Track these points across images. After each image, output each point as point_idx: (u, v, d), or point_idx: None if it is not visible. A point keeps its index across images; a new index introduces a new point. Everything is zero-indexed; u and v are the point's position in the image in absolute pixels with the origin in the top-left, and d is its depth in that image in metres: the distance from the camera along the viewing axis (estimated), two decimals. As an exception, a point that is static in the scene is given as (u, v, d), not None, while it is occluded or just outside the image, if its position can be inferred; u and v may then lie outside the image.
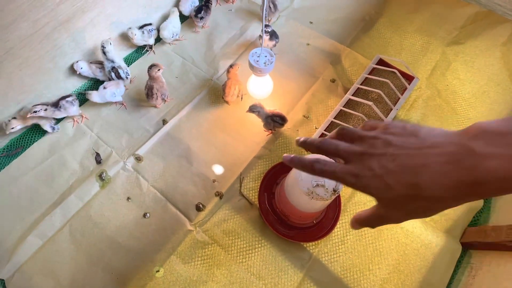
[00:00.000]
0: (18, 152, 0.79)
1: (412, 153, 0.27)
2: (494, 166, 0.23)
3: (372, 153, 0.28)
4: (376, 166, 0.28)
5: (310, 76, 0.93)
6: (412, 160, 0.26)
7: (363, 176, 0.28)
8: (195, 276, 0.66)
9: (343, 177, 0.30)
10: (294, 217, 0.67)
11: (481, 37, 1.00)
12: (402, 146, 0.27)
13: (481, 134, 0.24)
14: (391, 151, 0.28)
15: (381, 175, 0.27)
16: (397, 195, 0.27)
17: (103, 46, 0.82)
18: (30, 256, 0.67)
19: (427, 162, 0.26)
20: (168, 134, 0.83)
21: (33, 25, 0.70)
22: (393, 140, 0.28)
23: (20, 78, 0.75)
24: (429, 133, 0.27)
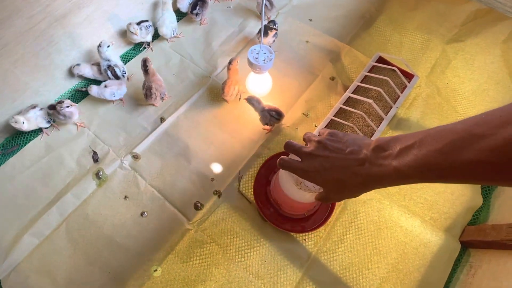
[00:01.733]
0: (14, 150, 0.78)
1: (339, 157, 0.40)
2: (375, 171, 0.37)
3: (316, 155, 0.42)
4: (317, 165, 0.41)
5: (310, 73, 0.92)
6: (339, 162, 0.39)
7: (309, 171, 0.42)
8: (193, 275, 0.66)
9: (296, 171, 0.44)
10: (286, 206, 0.67)
11: (481, 35, 0.99)
12: (334, 151, 0.41)
13: (375, 148, 0.37)
14: (327, 153, 0.41)
15: (320, 172, 0.41)
16: (331, 186, 0.42)
17: (99, 45, 0.81)
18: (26, 255, 0.67)
19: (348, 164, 0.39)
20: (166, 132, 0.82)
21: (28, 21, 0.69)
22: (329, 146, 0.41)
23: (16, 75, 0.74)
24: (351, 142, 0.40)
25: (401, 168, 0.34)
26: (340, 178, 0.39)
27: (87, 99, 0.86)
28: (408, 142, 0.34)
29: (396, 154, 0.34)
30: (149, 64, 0.79)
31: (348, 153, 0.39)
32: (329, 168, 0.40)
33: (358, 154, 0.38)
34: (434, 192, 0.75)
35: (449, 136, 0.30)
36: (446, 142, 0.30)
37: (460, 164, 0.29)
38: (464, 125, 0.30)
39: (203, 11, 0.97)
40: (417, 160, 0.32)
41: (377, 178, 0.37)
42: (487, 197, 0.76)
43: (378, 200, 0.74)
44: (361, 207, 0.73)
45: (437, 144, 0.31)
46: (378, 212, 0.73)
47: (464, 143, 0.29)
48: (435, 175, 0.32)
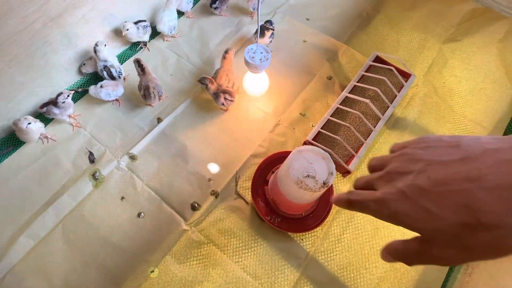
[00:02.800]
0: (9, 151, 0.78)
1: (453, 164, 0.20)
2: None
3: (398, 171, 0.23)
4: (404, 186, 0.22)
5: (307, 73, 0.92)
6: (460, 175, 0.20)
7: (389, 200, 0.23)
8: (190, 276, 0.65)
9: (368, 204, 0.25)
10: (283, 206, 0.67)
11: (478, 34, 0.99)
12: (438, 159, 0.21)
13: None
14: (421, 166, 0.22)
15: (412, 197, 0.21)
16: (443, 224, 0.20)
17: (96, 45, 0.81)
18: (22, 257, 0.66)
19: (480, 174, 0.19)
20: (163, 133, 0.82)
21: (22, 21, 0.68)
22: (423, 154, 0.22)
23: (10, 75, 0.73)
24: (476, 140, 0.21)
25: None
26: (465, 204, 0.19)
27: (83, 99, 0.85)
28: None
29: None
30: (144, 63, 0.79)
31: (478, 155, 0.20)
32: (433, 190, 0.21)
33: (507, 152, 0.19)
34: (431, 192, 0.75)
35: None
36: None
37: None
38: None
39: (221, 5, 0.98)
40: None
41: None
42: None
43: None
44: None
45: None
46: (376, 211, 0.73)
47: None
48: None
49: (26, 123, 0.73)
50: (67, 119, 0.80)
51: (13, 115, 0.79)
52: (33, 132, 0.75)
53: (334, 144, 0.75)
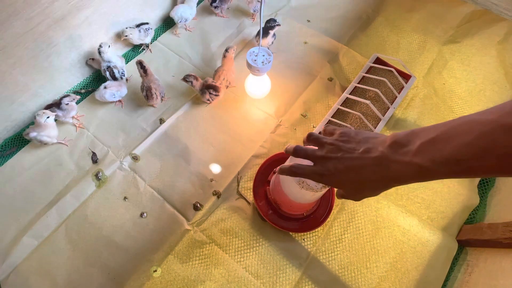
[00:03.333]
0: (13, 152, 0.78)
1: (354, 157, 0.37)
2: (394, 169, 0.34)
3: (329, 157, 0.39)
4: (332, 168, 0.39)
5: (308, 74, 0.93)
6: (355, 162, 0.37)
7: (325, 175, 0.39)
8: (192, 276, 0.66)
9: (312, 176, 0.41)
10: (285, 206, 0.67)
11: (477, 36, 1.00)
12: (348, 151, 0.38)
13: (391, 144, 0.35)
14: (341, 155, 0.38)
15: (335, 174, 0.38)
16: (349, 187, 0.40)
17: (100, 46, 0.82)
18: (25, 256, 0.67)
19: (364, 164, 0.36)
20: (165, 133, 0.82)
21: (27, 23, 0.69)
22: (342, 147, 0.39)
23: (14, 77, 0.74)
24: (364, 140, 0.38)
25: (425, 164, 0.31)
26: (357, 179, 0.37)
27: (86, 100, 0.86)
28: (429, 135, 0.32)
29: (417, 150, 0.32)
30: (146, 64, 0.80)
31: (362, 152, 0.37)
32: (344, 170, 0.38)
33: (374, 152, 0.36)
34: (431, 192, 0.76)
35: (476, 128, 0.29)
36: (476, 134, 0.28)
37: (493, 156, 0.28)
38: (492, 115, 0.28)
39: (222, 5, 0.98)
40: (443, 154, 0.30)
41: (397, 177, 0.34)
42: (483, 196, 0.77)
43: (376, 199, 0.74)
44: (359, 207, 0.74)
45: (465, 137, 0.29)
46: (376, 211, 0.73)
47: (496, 136, 0.27)
48: (463, 170, 0.30)
49: (45, 117, 0.73)
50: (70, 121, 0.81)
51: (17, 116, 0.79)
52: (51, 127, 0.75)
53: (335, 144, 0.75)
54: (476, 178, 0.78)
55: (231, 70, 0.85)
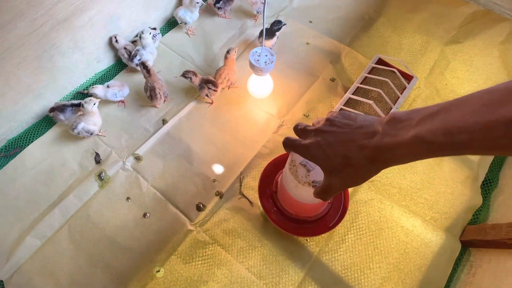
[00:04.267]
0: (16, 152, 0.79)
1: (346, 131, 0.35)
2: (388, 141, 0.31)
3: (322, 130, 0.37)
4: (321, 140, 0.37)
5: (310, 75, 0.93)
6: (346, 136, 0.35)
7: (312, 147, 0.37)
8: (195, 276, 0.66)
9: (299, 148, 0.39)
10: (287, 205, 0.66)
11: (480, 36, 1.00)
12: (341, 126, 0.36)
13: (390, 120, 0.32)
14: (334, 129, 0.36)
15: (322, 147, 0.36)
16: (334, 163, 0.36)
17: (142, 32, 0.87)
18: (29, 257, 0.67)
19: (354, 137, 0.34)
20: (168, 134, 0.83)
21: (31, 24, 0.69)
22: (336, 122, 0.37)
23: (18, 77, 0.74)
24: (362, 118, 0.36)
25: (421, 134, 0.28)
26: (344, 153, 0.34)
27: (89, 101, 0.86)
28: (431, 110, 0.29)
29: (416, 123, 0.29)
30: (149, 64, 0.80)
31: (357, 127, 0.34)
32: (333, 143, 0.35)
33: (369, 128, 0.33)
34: (434, 192, 0.76)
35: (486, 97, 0.26)
36: (483, 102, 0.25)
37: (499, 122, 0.24)
38: (503, 85, 0.26)
39: (225, 6, 0.98)
40: (443, 124, 0.27)
41: (389, 150, 0.31)
42: (486, 197, 0.76)
43: (379, 200, 0.74)
44: (362, 207, 0.74)
45: (470, 106, 0.26)
46: (379, 212, 0.73)
47: (503, 100, 0.24)
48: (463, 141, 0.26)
49: (91, 104, 0.76)
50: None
51: (20, 117, 0.80)
52: (97, 115, 0.78)
53: (338, 145, 0.75)
54: (479, 178, 0.77)
55: (233, 70, 0.85)
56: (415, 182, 0.77)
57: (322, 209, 0.68)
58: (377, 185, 0.76)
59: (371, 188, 0.76)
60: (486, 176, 0.79)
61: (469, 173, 0.78)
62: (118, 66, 0.94)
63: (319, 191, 0.40)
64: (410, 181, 0.77)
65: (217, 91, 0.83)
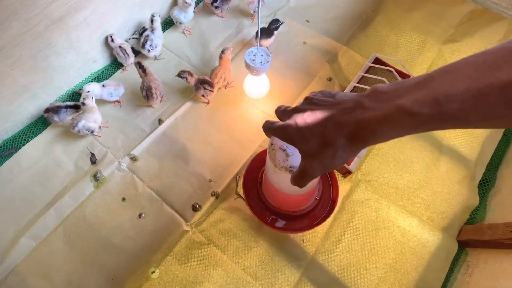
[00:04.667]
0: (12, 153, 0.78)
1: (325, 108, 0.32)
2: (369, 115, 0.28)
3: (299, 109, 0.35)
4: (299, 119, 0.33)
5: (307, 74, 0.93)
6: (323, 113, 0.32)
7: (289, 128, 0.34)
8: (191, 277, 0.65)
9: (276, 130, 0.36)
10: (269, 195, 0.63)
11: (477, 35, 1.00)
12: (320, 104, 0.33)
13: (372, 93, 0.29)
14: (312, 107, 0.33)
15: (300, 126, 0.33)
16: (310, 143, 0.33)
17: (153, 15, 0.89)
18: (23, 258, 0.66)
19: (333, 114, 0.31)
20: (164, 134, 0.82)
21: (25, 23, 0.69)
22: (315, 100, 0.34)
23: (13, 78, 0.74)
24: (342, 94, 0.33)
25: (407, 105, 0.25)
26: (321, 131, 0.31)
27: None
28: (418, 79, 0.26)
29: (401, 94, 0.26)
30: (145, 64, 0.80)
31: (336, 103, 0.31)
32: (310, 122, 0.32)
33: (348, 103, 0.30)
34: (431, 192, 0.75)
35: (480, 59, 0.23)
36: (477, 66, 0.23)
37: (494, 86, 0.21)
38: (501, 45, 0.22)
39: (223, 5, 0.98)
40: (430, 92, 0.24)
41: (370, 124, 0.27)
42: (483, 197, 0.76)
43: (376, 200, 0.74)
44: (358, 207, 0.73)
45: (462, 71, 0.23)
46: (376, 212, 0.73)
47: (499, 62, 0.21)
48: (453, 111, 0.23)
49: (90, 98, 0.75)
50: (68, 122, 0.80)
51: (15, 117, 0.79)
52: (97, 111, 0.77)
53: (334, 145, 0.75)
54: (476, 178, 0.77)
55: (228, 70, 0.85)
56: (412, 182, 0.76)
57: (307, 204, 0.64)
58: (373, 185, 0.76)
59: (367, 188, 0.75)
60: (483, 176, 0.78)
61: (466, 173, 0.78)
62: (114, 66, 0.94)
63: (295, 175, 0.37)
64: (407, 181, 0.77)
65: (213, 92, 0.83)
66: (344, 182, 0.76)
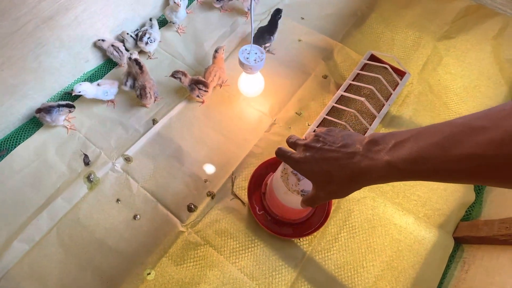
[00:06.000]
0: (3, 155, 0.77)
1: (332, 149, 0.39)
2: (365, 164, 0.35)
3: (310, 146, 0.41)
4: (309, 156, 0.41)
5: (302, 72, 0.92)
6: (330, 154, 0.39)
7: (301, 161, 0.41)
8: (187, 278, 0.65)
9: (289, 160, 0.43)
10: (276, 209, 0.67)
11: (472, 31, 1.00)
12: (326, 144, 0.40)
13: (368, 142, 0.36)
14: (321, 146, 0.40)
15: (310, 162, 0.40)
16: (318, 179, 0.40)
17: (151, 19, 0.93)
18: (16, 261, 0.65)
19: (337, 156, 0.38)
20: (158, 134, 0.81)
21: (14, 23, 0.67)
22: (322, 139, 0.41)
23: (3, 78, 0.72)
24: (347, 136, 0.39)
25: (393, 161, 0.32)
26: (328, 170, 0.38)
27: (77, 101, 0.85)
28: (403, 136, 0.33)
29: (390, 148, 0.33)
30: (142, 61, 0.79)
31: (340, 146, 0.38)
32: (319, 160, 0.39)
33: (350, 147, 0.37)
34: (427, 189, 0.75)
35: (447, 129, 0.29)
36: (444, 135, 0.29)
37: (456, 157, 0.27)
38: (464, 119, 0.29)
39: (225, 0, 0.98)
40: (411, 153, 0.30)
41: (367, 172, 0.35)
42: (479, 193, 0.76)
43: (372, 198, 0.74)
44: (355, 206, 0.73)
45: (434, 137, 0.29)
46: (372, 210, 0.73)
47: (462, 136, 0.27)
48: (428, 170, 0.30)
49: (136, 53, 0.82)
50: (61, 123, 0.79)
51: (6, 119, 0.78)
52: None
53: (330, 143, 0.74)
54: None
55: (222, 68, 0.84)
56: (408, 179, 0.76)
57: (306, 213, 0.68)
58: (370, 182, 0.76)
59: (364, 186, 0.75)
60: (479, 172, 0.78)
61: (462, 169, 0.77)
62: (107, 66, 0.92)
63: (306, 200, 0.45)
64: (403, 178, 0.76)
65: (208, 92, 0.82)
66: (340, 180, 0.76)
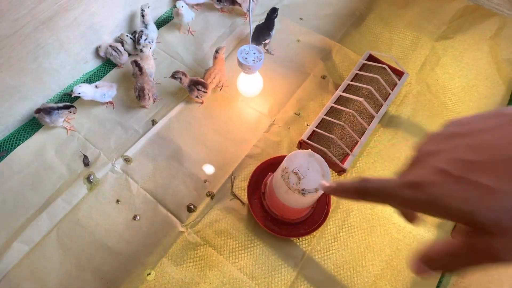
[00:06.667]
0: (2, 156, 0.77)
1: (504, 130, 0.17)
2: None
3: (436, 150, 0.19)
4: (443, 163, 0.18)
5: (301, 73, 0.93)
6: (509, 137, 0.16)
7: (429, 183, 0.18)
8: (187, 278, 0.65)
9: (397, 192, 0.21)
10: (276, 209, 0.67)
11: (470, 32, 1.00)
12: (481, 130, 0.18)
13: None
14: (463, 140, 0.18)
15: (461, 176, 0.17)
16: (507, 201, 0.16)
17: (142, 9, 0.88)
18: (16, 262, 0.65)
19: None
20: (157, 135, 0.81)
21: (13, 24, 0.67)
22: (462, 130, 0.19)
23: (2, 79, 0.72)
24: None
25: None
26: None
27: (76, 102, 0.85)
28: None
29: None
30: (141, 63, 0.79)
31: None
32: (488, 160, 0.17)
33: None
34: (426, 188, 0.76)
35: None
36: None
37: None
38: None
39: (226, 1, 0.98)
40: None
41: None
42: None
43: (371, 197, 0.74)
44: (354, 205, 0.73)
45: None
46: (371, 209, 0.73)
47: None
48: None
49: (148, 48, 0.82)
50: (60, 124, 0.79)
51: (5, 120, 0.78)
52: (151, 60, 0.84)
53: (329, 143, 0.75)
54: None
55: (223, 70, 0.84)
56: (406, 179, 0.77)
57: (305, 213, 0.68)
58: (369, 182, 0.76)
59: (363, 186, 0.75)
60: (477, 171, 0.79)
61: (460, 169, 0.78)
62: (106, 67, 0.93)
63: (459, 262, 0.21)
64: (401, 177, 0.77)
65: (207, 92, 0.82)
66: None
